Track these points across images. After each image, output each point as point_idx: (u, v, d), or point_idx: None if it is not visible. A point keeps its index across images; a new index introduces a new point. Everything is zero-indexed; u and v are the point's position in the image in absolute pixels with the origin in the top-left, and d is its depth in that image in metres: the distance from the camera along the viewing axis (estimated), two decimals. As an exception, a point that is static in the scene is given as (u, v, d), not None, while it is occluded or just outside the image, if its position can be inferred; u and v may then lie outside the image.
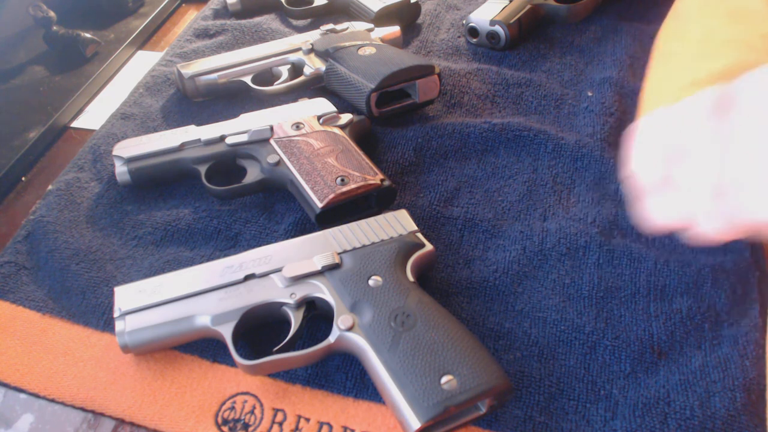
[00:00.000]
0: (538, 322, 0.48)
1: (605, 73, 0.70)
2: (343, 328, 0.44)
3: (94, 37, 0.82)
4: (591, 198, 0.57)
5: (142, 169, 0.59)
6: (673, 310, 0.48)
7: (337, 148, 0.57)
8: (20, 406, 0.46)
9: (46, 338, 0.49)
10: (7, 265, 0.55)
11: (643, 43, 0.74)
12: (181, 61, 0.76)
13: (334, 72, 0.68)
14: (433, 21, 0.83)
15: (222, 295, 0.47)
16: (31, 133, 0.70)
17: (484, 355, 0.41)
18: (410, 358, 0.41)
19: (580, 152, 0.61)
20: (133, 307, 0.46)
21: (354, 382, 0.45)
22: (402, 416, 0.39)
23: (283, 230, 0.56)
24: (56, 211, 0.59)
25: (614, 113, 0.65)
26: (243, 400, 0.45)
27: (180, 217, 0.58)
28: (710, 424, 0.41)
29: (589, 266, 0.51)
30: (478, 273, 0.52)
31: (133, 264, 0.54)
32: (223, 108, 0.71)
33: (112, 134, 0.67)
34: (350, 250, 0.49)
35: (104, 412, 0.45)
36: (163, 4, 0.91)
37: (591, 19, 0.80)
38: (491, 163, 0.62)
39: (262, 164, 0.59)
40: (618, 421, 0.42)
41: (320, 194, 0.53)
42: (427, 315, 0.43)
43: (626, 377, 0.45)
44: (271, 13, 0.86)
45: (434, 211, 0.57)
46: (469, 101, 0.69)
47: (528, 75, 0.72)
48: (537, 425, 0.43)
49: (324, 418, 0.44)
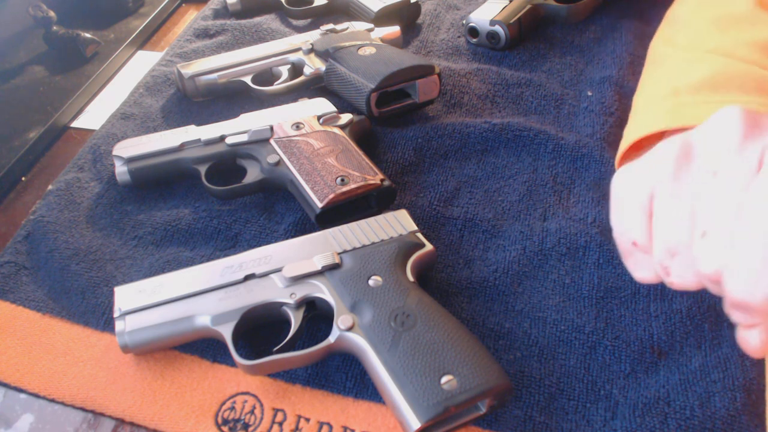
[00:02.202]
0: (538, 322, 0.48)
1: (605, 72, 0.70)
2: (343, 328, 0.44)
3: (94, 37, 0.82)
4: (591, 198, 0.57)
5: (142, 169, 0.59)
6: (673, 310, 0.48)
7: (337, 148, 0.57)
8: (20, 406, 0.46)
9: (46, 338, 0.49)
10: (7, 265, 0.55)
11: (644, 42, 0.74)
12: (181, 61, 0.76)
13: (334, 72, 0.68)
14: (433, 21, 0.83)
15: (222, 295, 0.47)
16: (31, 133, 0.70)
17: (484, 355, 0.41)
18: (410, 358, 0.41)
19: (580, 152, 0.61)
20: (133, 307, 0.46)
21: (354, 382, 0.45)
22: (402, 416, 0.39)
23: (283, 230, 0.56)
24: (56, 211, 0.59)
25: (614, 113, 0.65)
26: (243, 400, 0.45)
27: (180, 217, 0.58)
28: (710, 424, 0.41)
29: (589, 266, 0.51)
30: (478, 273, 0.52)
31: (133, 264, 0.54)
32: (223, 108, 0.71)
33: (112, 134, 0.67)
34: (350, 250, 0.49)
35: (104, 412, 0.45)
36: (163, 4, 0.91)
37: (591, 19, 0.80)
38: (491, 163, 0.62)
39: (262, 164, 0.59)
40: (618, 421, 0.42)
41: (320, 194, 0.53)
42: (427, 315, 0.43)
43: (626, 377, 0.45)
44: (271, 13, 0.86)
45: (434, 211, 0.57)
46: (469, 101, 0.69)
47: (528, 75, 0.72)
48: (537, 425, 0.43)
49: (324, 418, 0.44)
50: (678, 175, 0.34)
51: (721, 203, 0.32)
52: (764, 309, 0.31)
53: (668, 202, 0.34)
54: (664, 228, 0.34)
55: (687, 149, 0.34)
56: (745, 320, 0.33)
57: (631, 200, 0.36)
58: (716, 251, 0.31)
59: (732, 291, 0.31)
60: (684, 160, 0.34)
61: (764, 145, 0.32)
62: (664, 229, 0.34)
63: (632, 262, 0.38)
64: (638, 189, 0.36)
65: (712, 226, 0.32)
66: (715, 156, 0.33)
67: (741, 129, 0.33)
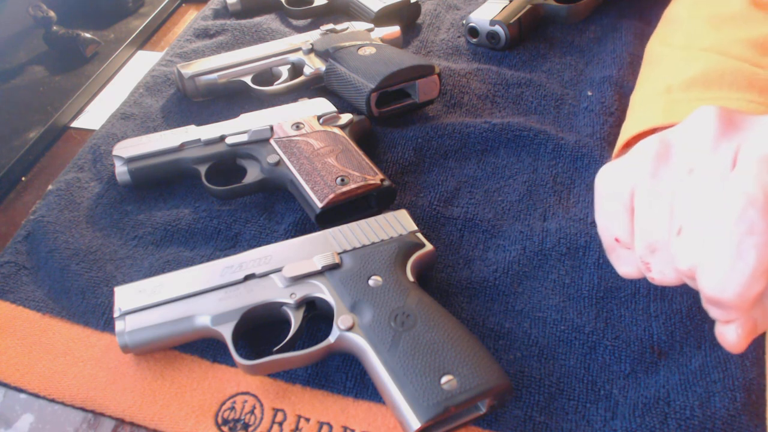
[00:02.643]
0: (538, 322, 0.48)
1: (605, 72, 0.70)
2: (343, 328, 0.44)
3: (94, 37, 0.82)
4: (591, 198, 0.57)
5: (142, 169, 0.59)
6: (673, 310, 0.48)
7: (337, 148, 0.57)
8: (20, 406, 0.46)
9: (46, 338, 0.49)
10: (7, 265, 0.55)
11: (644, 42, 0.73)
12: (181, 61, 0.76)
13: (334, 72, 0.68)
14: (433, 21, 0.83)
15: (222, 295, 0.47)
16: (31, 133, 0.70)
17: (484, 355, 0.41)
18: (410, 358, 0.41)
19: (580, 152, 0.61)
20: (133, 307, 0.46)
21: (354, 382, 0.45)
22: (402, 416, 0.39)
23: (283, 230, 0.56)
24: (56, 211, 0.58)
25: (614, 112, 0.65)
26: (243, 400, 0.45)
27: (180, 217, 0.58)
28: (710, 424, 0.41)
29: (589, 266, 0.51)
30: (478, 273, 0.52)
31: (133, 264, 0.54)
32: (223, 108, 0.71)
33: (112, 134, 0.67)
34: (350, 250, 0.49)
35: (104, 412, 0.45)
36: (163, 4, 0.91)
37: (591, 19, 0.80)
38: (491, 163, 0.62)
39: (262, 164, 0.59)
40: (618, 421, 0.42)
41: (320, 194, 0.53)
42: (427, 315, 0.43)
43: (626, 377, 0.45)
44: (271, 13, 0.86)
45: (434, 211, 0.57)
46: (469, 101, 0.69)
47: (528, 75, 0.72)
48: (537, 425, 0.43)
49: (324, 418, 0.44)
50: (656, 173, 0.34)
51: (696, 200, 0.32)
52: (737, 305, 0.31)
53: (647, 199, 0.34)
54: (643, 225, 0.35)
55: (666, 147, 0.35)
56: (721, 316, 0.33)
57: (612, 197, 0.37)
58: (691, 248, 0.32)
59: (705, 287, 0.31)
60: (663, 158, 0.35)
61: (738, 143, 0.32)
62: (643, 225, 0.35)
63: (615, 257, 0.39)
64: (620, 186, 0.36)
65: (687, 222, 0.32)
66: (692, 154, 0.33)
67: (716, 127, 0.33)
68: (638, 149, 0.37)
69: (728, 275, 0.30)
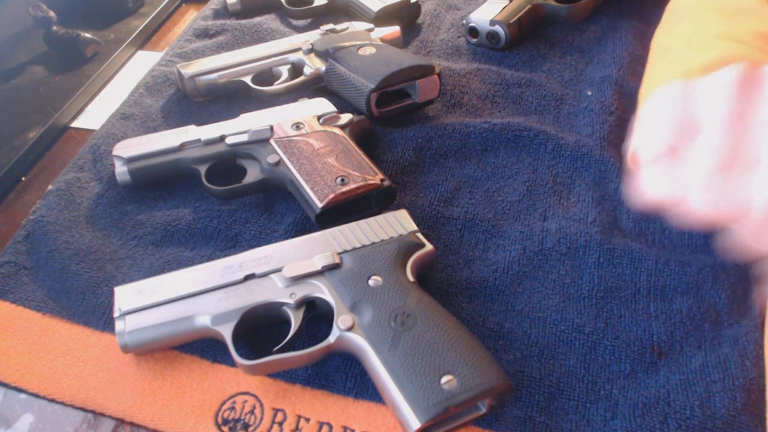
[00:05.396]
0: (538, 322, 0.48)
1: (605, 72, 0.70)
2: (343, 328, 0.44)
3: (94, 37, 0.82)
4: (591, 198, 0.57)
5: (142, 169, 0.59)
6: (673, 310, 0.48)
7: (337, 148, 0.57)
8: (20, 406, 0.46)
9: (46, 338, 0.49)
10: (7, 265, 0.55)
11: (644, 41, 0.74)
12: (181, 61, 0.76)
13: (334, 72, 0.68)
14: (433, 21, 0.83)
15: (222, 295, 0.47)
16: (31, 133, 0.70)
17: (484, 355, 0.41)
18: (410, 358, 0.41)
19: (580, 152, 0.61)
20: (133, 307, 0.46)
21: (354, 382, 0.45)
22: (402, 416, 0.39)
23: (283, 230, 0.56)
24: (56, 211, 0.58)
25: (614, 112, 0.65)
26: (243, 400, 0.45)
27: (180, 217, 0.58)
28: (710, 424, 0.41)
29: (589, 266, 0.51)
30: (478, 273, 0.52)
31: (133, 264, 0.54)
32: (223, 108, 0.71)
33: (112, 134, 0.67)
34: (350, 250, 0.49)
35: (104, 412, 0.45)
36: (163, 4, 0.91)
37: (591, 19, 0.80)
38: (491, 163, 0.62)
39: (262, 164, 0.59)
40: (618, 421, 0.42)
41: (320, 194, 0.53)
42: (427, 315, 0.43)
43: (626, 377, 0.45)
44: (271, 13, 0.86)
45: (434, 211, 0.57)
46: (469, 101, 0.69)
47: (528, 75, 0.72)
48: (537, 425, 0.43)
49: (324, 418, 0.44)
50: (746, 98, 0.34)
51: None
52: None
53: (733, 118, 0.33)
54: (720, 142, 0.33)
55: (756, 78, 0.34)
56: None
57: (680, 109, 0.36)
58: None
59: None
60: (752, 87, 0.34)
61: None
62: (720, 143, 0.33)
63: (648, 174, 0.37)
64: (686, 101, 0.35)
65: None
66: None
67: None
68: (719, 74, 0.36)
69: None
